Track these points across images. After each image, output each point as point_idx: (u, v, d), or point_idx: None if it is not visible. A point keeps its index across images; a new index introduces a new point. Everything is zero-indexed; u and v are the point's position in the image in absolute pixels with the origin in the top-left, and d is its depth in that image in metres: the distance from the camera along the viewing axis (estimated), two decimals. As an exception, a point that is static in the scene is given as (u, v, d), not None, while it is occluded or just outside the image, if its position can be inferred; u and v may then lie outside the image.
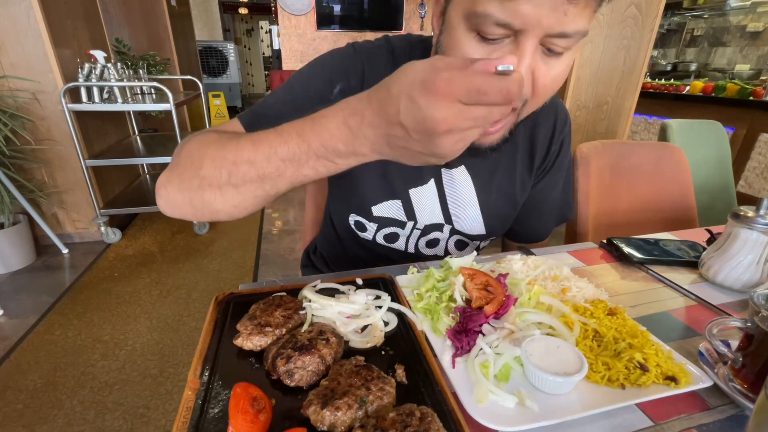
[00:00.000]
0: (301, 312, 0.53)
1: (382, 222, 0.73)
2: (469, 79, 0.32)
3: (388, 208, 0.71)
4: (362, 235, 0.76)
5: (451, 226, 0.74)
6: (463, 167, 0.69)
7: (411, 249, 0.77)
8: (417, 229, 0.74)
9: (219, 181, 0.45)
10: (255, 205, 0.48)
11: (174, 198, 0.50)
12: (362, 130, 0.38)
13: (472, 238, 0.76)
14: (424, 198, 0.71)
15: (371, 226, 0.74)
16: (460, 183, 0.70)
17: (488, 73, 0.32)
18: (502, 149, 0.68)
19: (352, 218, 0.74)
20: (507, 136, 0.55)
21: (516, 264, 0.63)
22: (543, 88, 0.48)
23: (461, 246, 0.78)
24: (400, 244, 0.76)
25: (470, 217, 0.73)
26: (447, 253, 0.78)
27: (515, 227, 0.82)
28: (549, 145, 0.73)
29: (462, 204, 0.72)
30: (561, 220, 0.84)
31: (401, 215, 0.72)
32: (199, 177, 0.46)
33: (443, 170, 0.69)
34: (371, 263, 0.80)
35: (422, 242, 0.76)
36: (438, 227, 0.74)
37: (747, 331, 0.45)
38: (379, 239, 0.76)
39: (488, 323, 0.50)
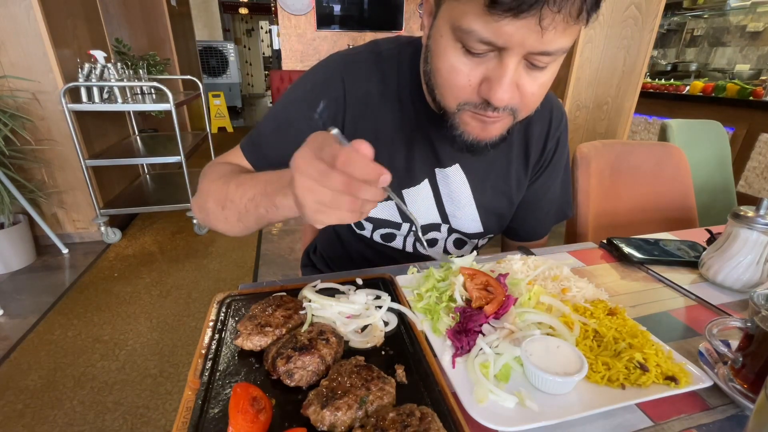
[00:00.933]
0: (301, 312, 0.53)
1: (377, 222, 0.73)
2: (314, 163, 0.38)
3: (382, 210, 0.71)
4: (360, 232, 0.76)
5: (448, 225, 0.74)
6: (457, 165, 0.69)
7: (409, 248, 0.77)
8: (413, 231, 0.74)
9: (217, 213, 0.57)
10: (245, 232, 0.59)
11: (198, 216, 0.63)
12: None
13: (470, 236, 0.76)
14: (419, 198, 0.70)
15: (368, 225, 0.74)
16: (455, 182, 0.70)
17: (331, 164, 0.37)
18: (497, 147, 0.69)
19: None
20: (505, 135, 0.56)
21: (516, 264, 0.63)
22: (531, 97, 0.49)
23: (460, 244, 0.78)
24: (397, 244, 0.76)
25: (467, 216, 0.73)
26: (446, 251, 0.78)
27: (514, 225, 0.82)
28: (545, 143, 0.73)
29: (458, 203, 0.71)
30: (560, 218, 0.84)
31: (396, 217, 0.72)
32: (206, 209, 0.59)
33: (437, 170, 0.69)
34: (371, 261, 0.80)
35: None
36: (435, 227, 0.74)
37: (747, 331, 0.45)
38: (377, 238, 0.76)
39: (488, 323, 0.50)
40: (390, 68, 0.64)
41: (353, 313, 0.53)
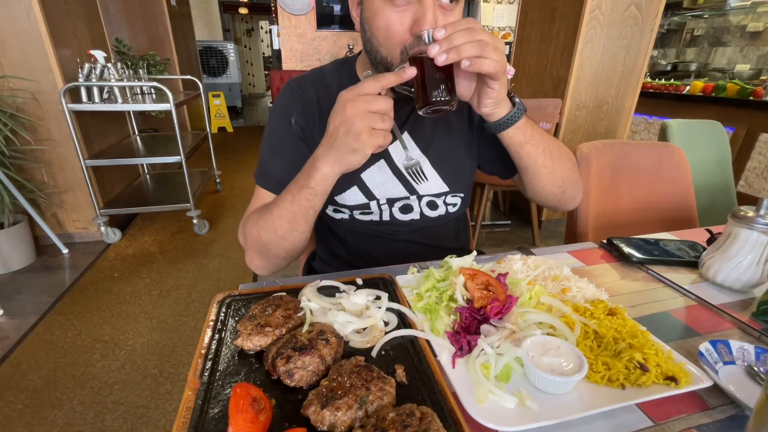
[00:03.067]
0: (300, 314, 0.53)
1: (351, 207, 0.79)
2: (360, 98, 0.53)
3: (349, 196, 0.78)
4: (342, 216, 0.82)
5: (416, 195, 0.79)
6: (405, 134, 0.77)
7: (386, 217, 0.80)
8: (383, 204, 0.79)
9: (274, 240, 0.67)
10: (302, 242, 0.68)
11: (262, 264, 0.73)
12: (318, 152, 0.59)
13: (438, 195, 0.80)
14: (378, 176, 0.77)
15: (345, 211, 0.81)
16: (408, 148, 0.75)
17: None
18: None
19: (330, 209, 0.82)
20: None
21: (516, 264, 0.63)
22: None
23: (432, 206, 0.81)
24: (374, 216, 0.81)
25: (426, 174, 0.77)
26: (422, 215, 0.81)
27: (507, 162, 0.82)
28: None
29: None
30: None
31: (362, 198, 0.78)
32: (265, 247, 0.69)
33: (389, 147, 0.76)
34: (364, 251, 0.83)
35: (396, 211, 0.80)
36: (405, 200, 0.79)
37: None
38: (357, 216, 0.81)
39: (489, 323, 0.50)
40: (332, 80, 0.77)
41: (358, 325, 0.52)
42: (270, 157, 0.76)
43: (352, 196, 0.78)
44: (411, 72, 0.53)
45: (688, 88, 3.01)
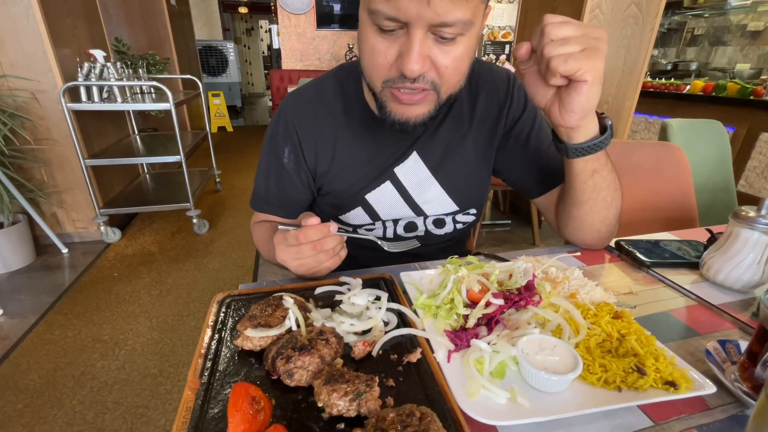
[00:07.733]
0: (286, 323, 0.51)
1: (354, 226, 0.78)
2: (288, 250, 0.57)
3: (354, 216, 0.76)
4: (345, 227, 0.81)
5: (423, 216, 0.77)
6: (414, 154, 0.73)
7: (389, 234, 0.79)
8: (387, 222, 0.78)
9: (269, 258, 0.75)
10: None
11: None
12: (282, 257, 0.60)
13: (447, 214, 0.78)
14: (383, 198, 0.74)
15: (349, 228, 0.80)
16: (415, 170, 0.74)
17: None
18: (447, 127, 0.74)
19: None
20: (432, 113, 0.60)
21: (551, 269, 0.62)
22: (446, 70, 0.54)
23: (439, 224, 0.79)
24: (378, 233, 0.80)
25: (436, 196, 0.75)
26: (427, 232, 0.80)
27: (537, 178, 0.76)
28: (501, 104, 0.74)
29: (422, 186, 0.74)
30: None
31: (366, 219, 0.76)
32: (262, 252, 0.78)
33: (396, 168, 0.73)
34: (364, 258, 0.82)
35: (400, 229, 0.79)
36: (412, 223, 0.78)
37: (758, 332, 0.44)
38: (362, 232, 0.80)
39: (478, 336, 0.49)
40: (336, 100, 0.72)
41: (360, 328, 0.52)
42: (265, 189, 0.78)
43: (357, 216, 0.76)
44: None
45: (688, 87, 3.01)
